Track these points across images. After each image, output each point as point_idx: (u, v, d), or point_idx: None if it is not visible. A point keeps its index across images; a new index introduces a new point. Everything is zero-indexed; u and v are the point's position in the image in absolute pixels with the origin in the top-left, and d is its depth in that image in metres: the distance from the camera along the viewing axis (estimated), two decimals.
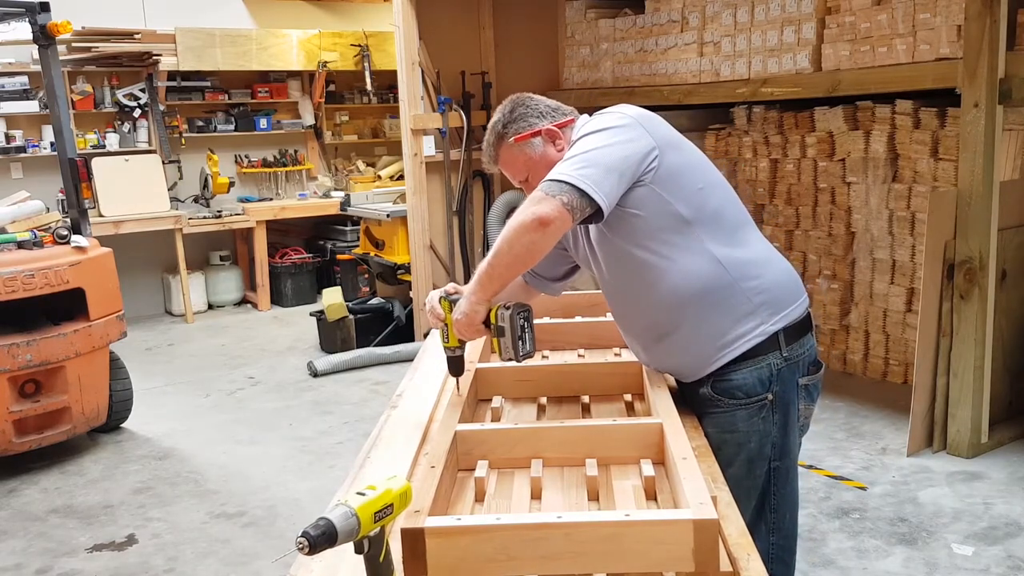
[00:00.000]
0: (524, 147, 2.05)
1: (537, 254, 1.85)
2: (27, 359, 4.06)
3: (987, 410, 3.93)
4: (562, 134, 2.05)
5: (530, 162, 2.05)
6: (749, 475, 1.99)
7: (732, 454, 1.98)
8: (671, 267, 1.90)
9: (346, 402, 5.15)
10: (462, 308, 1.93)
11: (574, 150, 1.87)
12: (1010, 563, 3.03)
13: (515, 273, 1.92)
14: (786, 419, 1.99)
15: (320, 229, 8.20)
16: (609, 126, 1.89)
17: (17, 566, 3.36)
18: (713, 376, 1.97)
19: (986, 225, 3.82)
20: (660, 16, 5.51)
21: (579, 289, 6.37)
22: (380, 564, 1.24)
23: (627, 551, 1.31)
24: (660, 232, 1.90)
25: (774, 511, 2.02)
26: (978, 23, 3.68)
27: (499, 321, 1.91)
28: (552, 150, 2.04)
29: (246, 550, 3.41)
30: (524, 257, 1.85)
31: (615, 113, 1.94)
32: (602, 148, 1.83)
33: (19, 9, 4.28)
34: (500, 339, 1.91)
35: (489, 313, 1.91)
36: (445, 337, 2.00)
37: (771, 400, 1.96)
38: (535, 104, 2.08)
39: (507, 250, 1.83)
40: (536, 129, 2.04)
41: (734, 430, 1.97)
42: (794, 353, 1.97)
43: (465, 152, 6.18)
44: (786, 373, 1.97)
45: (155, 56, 7.02)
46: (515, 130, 2.05)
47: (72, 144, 4.57)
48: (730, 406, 1.97)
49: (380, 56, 7.86)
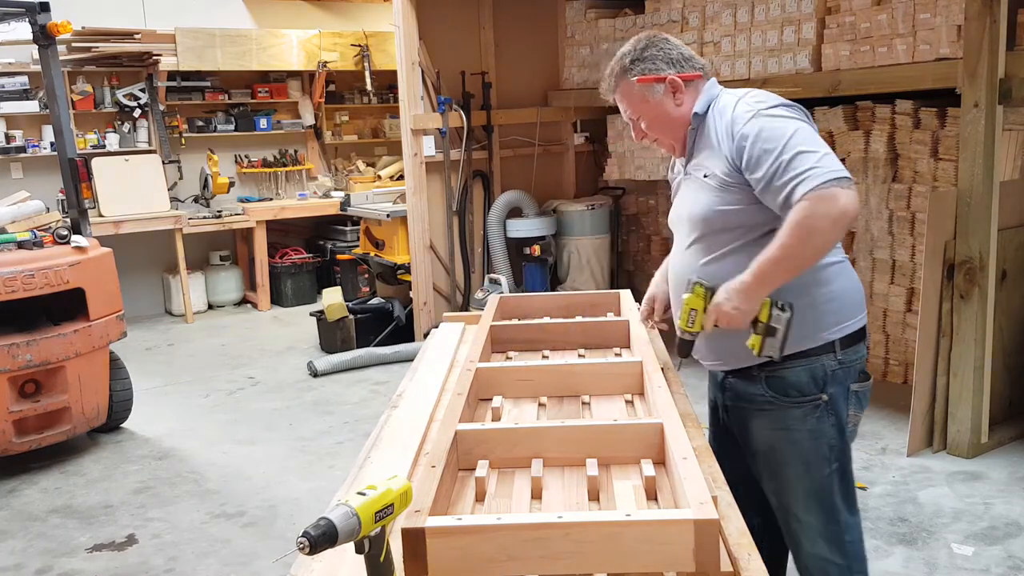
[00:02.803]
0: (644, 89, 2.04)
1: (831, 248, 1.87)
2: (27, 359, 4.06)
3: (987, 410, 3.93)
4: (684, 88, 2.03)
5: (646, 106, 2.05)
6: (807, 477, 2.02)
7: (786, 453, 2.02)
8: (753, 253, 1.91)
9: (346, 402, 5.14)
10: (735, 301, 1.87)
11: (797, 140, 1.84)
12: (1010, 563, 3.03)
13: (804, 269, 1.88)
14: (840, 421, 2.01)
15: (320, 229, 8.20)
16: (797, 117, 1.92)
17: (17, 566, 3.36)
18: (765, 371, 2.00)
19: (986, 225, 3.82)
20: (660, 16, 5.51)
21: (579, 289, 6.36)
22: (381, 564, 1.24)
23: (627, 551, 1.31)
24: (756, 218, 1.94)
25: (841, 511, 2.05)
26: (978, 23, 3.68)
27: (773, 321, 1.87)
28: (671, 102, 2.04)
29: (246, 550, 3.41)
30: (821, 252, 1.86)
31: (782, 103, 1.95)
32: (813, 136, 1.88)
33: (19, 9, 4.28)
34: (767, 338, 1.88)
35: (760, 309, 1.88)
36: (690, 321, 1.94)
37: (825, 401, 1.99)
38: (669, 48, 2.06)
39: (806, 244, 1.80)
40: (662, 75, 2.03)
41: (788, 428, 2.01)
42: (847, 358, 2.01)
43: (465, 152, 6.18)
44: (840, 376, 2.00)
45: (155, 56, 7.02)
46: (641, 70, 2.03)
47: (72, 144, 4.57)
48: (784, 404, 2.00)
49: (380, 56, 7.86)
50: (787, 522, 2.12)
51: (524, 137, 6.53)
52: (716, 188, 1.97)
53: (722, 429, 2.25)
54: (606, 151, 6.24)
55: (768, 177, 1.87)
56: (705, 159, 2.02)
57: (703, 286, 1.93)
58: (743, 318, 1.88)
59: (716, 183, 1.97)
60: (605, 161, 6.29)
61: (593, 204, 6.35)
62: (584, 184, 6.89)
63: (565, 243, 6.29)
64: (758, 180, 1.89)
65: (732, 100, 2.01)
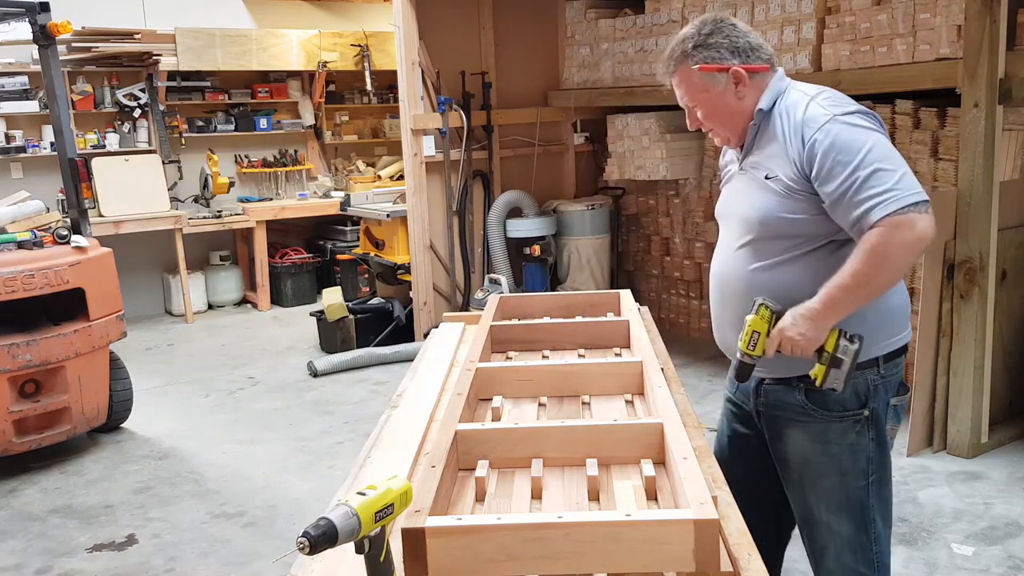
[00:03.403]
0: (705, 77, 1.91)
1: (903, 276, 1.80)
2: (27, 359, 4.06)
3: (987, 410, 3.93)
4: (748, 80, 1.91)
5: (706, 95, 1.93)
6: (842, 487, 1.97)
7: (822, 466, 1.97)
8: (809, 264, 1.87)
9: (346, 402, 5.15)
10: (801, 328, 1.79)
11: (875, 155, 1.76)
12: (1010, 563, 3.03)
13: (876, 298, 1.81)
14: (880, 435, 1.97)
15: (320, 229, 8.20)
16: (874, 128, 1.84)
17: (17, 566, 3.36)
18: (806, 382, 1.92)
19: (986, 225, 3.82)
20: (660, 16, 5.51)
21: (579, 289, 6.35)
22: (381, 564, 1.24)
23: (627, 551, 1.31)
24: (819, 229, 1.87)
25: (874, 523, 2.00)
26: (978, 23, 3.68)
27: (840, 353, 1.80)
28: (732, 94, 1.92)
29: (246, 550, 3.41)
30: (894, 281, 1.80)
31: (859, 109, 1.86)
32: (892, 151, 1.81)
33: (19, 9, 4.28)
34: (832, 368, 1.81)
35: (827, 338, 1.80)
36: (751, 344, 1.85)
37: (867, 416, 1.95)
38: (736, 36, 1.93)
39: (879, 272, 1.73)
40: (725, 65, 1.90)
41: (827, 442, 1.96)
42: (889, 372, 1.97)
43: (465, 152, 6.17)
44: (882, 391, 1.96)
45: (155, 56, 7.02)
46: (703, 57, 1.91)
47: (72, 144, 4.57)
48: (824, 418, 1.95)
49: (380, 56, 7.86)
50: (813, 530, 2.06)
51: (524, 137, 6.53)
52: (779, 193, 1.88)
53: (735, 431, 2.21)
54: (606, 151, 6.23)
55: (840, 193, 1.78)
56: (767, 158, 1.92)
57: (769, 308, 1.84)
58: (809, 346, 1.80)
59: (780, 187, 1.88)
60: (605, 161, 6.29)
61: (593, 204, 6.35)
62: (584, 184, 6.89)
63: (565, 243, 6.29)
64: (829, 193, 1.80)
65: (803, 98, 1.90)
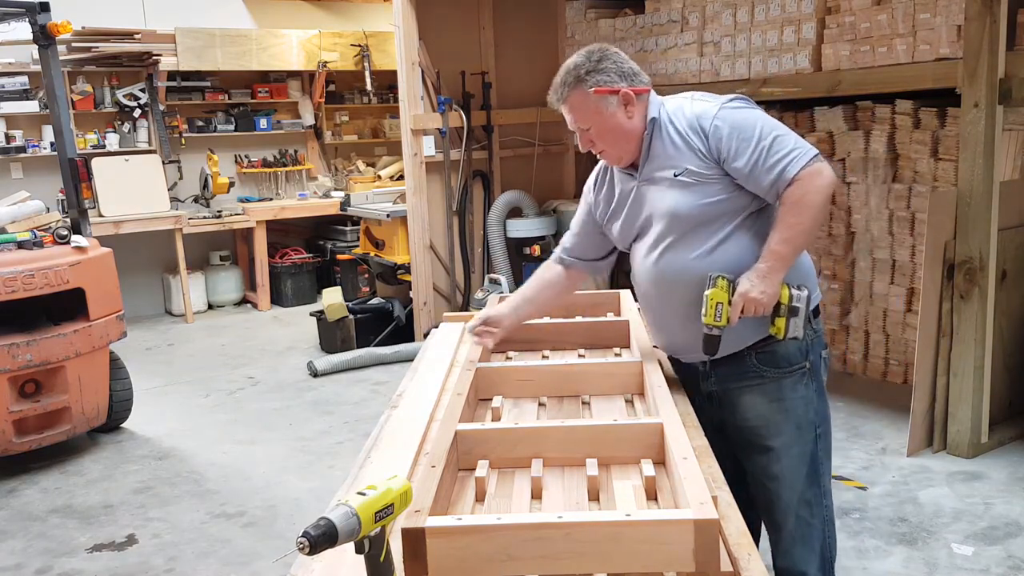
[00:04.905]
0: (599, 100, 2.07)
1: (825, 218, 2.04)
2: (27, 359, 4.06)
3: (987, 410, 3.93)
4: (635, 100, 2.08)
5: (599, 116, 2.08)
6: (800, 441, 2.14)
7: (781, 422, 2.12)
8: (746, 235, 2.03)
9: (346, 402, 5.14)
10: (760, 287, 1.94)
11: (768, 126, 1.99)
12: (1010, 563, 3.03)
13: (810, 243, 2.08)
14: (819, 385, 2.15)
15: (320, 229, 8.20)
16: (754, 107, 2.07)
17: (17, 566, 3.36)
18: (755, 349, 2.08)
19: (986, 225, 3.82)
20: (660, 16, 5.51)
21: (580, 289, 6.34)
22: (381, 564, 1.24)
23: (628, 551, 1.31)
24: (740, 203, 2.04)
25: (823, 477, 2.19)
26: (978, 23, 3.68)
27: (795, 301, 1.96)
28: (623, 114, 2.08)
29: (246, 550, 3.41)
30: (820, 223, 2.02)
31: (734, 96, 2.08)
32: (776, 120, 2.04)
33: (19, 9, 4.28)
34: (792, 318, 1.96)
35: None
36: (717, 315, 1.97)
37: (808, 368, 2.11)
38: (621, 62, 2.10)
39: (809, 218, 1.94)
40: (616, 88, 2.06)
41: (782, 398, 2.11)
42: (819, 326, 2.15)
43: (465, 152, 6.18)
44: (816, 344, 2.13)
45: (155, 56, 7.02)
46: (597, 81, 2.06)
47: (72, 144, 4.57)
48: (776, 375, 2.10)
49: (380, 56, 7.86)
50: (766, 487, 2.19)
51: (524, 137, 6.53)
52: (695, 184, 2.03)
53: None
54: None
55: (753, 164, 1.97)
56: (669, 160, 2.07)
57: (725, 279, 1.97)
58: (770, 303, 1.95)
59: (692, 179, 2.03)
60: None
61: None
62: (584, 184, 6.87)
63: None
64: (741, 168, 1.99)
65: (683, 102, 2.11)
